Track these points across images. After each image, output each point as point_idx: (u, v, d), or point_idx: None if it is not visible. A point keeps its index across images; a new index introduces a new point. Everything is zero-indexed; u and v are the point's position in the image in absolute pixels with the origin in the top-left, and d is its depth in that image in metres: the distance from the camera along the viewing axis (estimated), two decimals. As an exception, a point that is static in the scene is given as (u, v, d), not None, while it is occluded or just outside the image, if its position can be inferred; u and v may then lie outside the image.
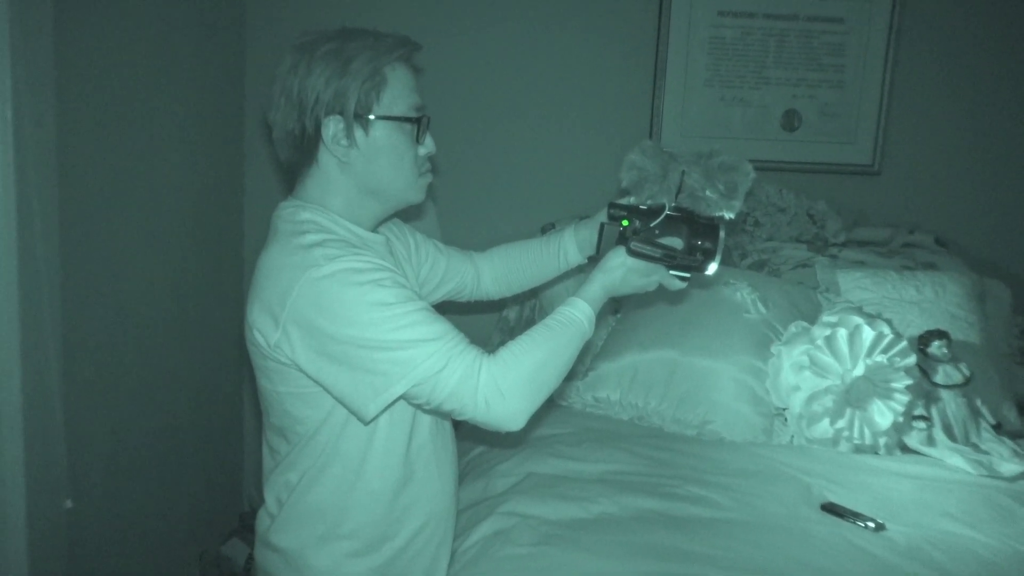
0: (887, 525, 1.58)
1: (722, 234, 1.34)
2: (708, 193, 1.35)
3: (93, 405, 1.77)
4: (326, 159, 1.26)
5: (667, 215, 1.34)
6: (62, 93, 1.53)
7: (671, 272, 1.35)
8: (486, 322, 2.61)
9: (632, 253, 1.31)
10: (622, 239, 1.34)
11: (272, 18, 2.59)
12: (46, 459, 1.53)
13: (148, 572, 2.07)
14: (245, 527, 2.52)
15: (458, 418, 1.22)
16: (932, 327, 2.18)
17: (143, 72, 1.92)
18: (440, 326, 1.19)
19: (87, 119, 1.70)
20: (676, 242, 1.33)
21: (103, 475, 1.82)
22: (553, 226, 2.53)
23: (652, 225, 1.33)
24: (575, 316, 1.27)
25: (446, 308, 1.58)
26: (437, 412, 1.28)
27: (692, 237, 1.34)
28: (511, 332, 2.52)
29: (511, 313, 2.57)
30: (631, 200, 1.40)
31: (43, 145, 1.47)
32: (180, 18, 2.11)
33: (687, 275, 1.36)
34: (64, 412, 1.58)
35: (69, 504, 1.60)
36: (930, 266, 2.49)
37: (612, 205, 1.40)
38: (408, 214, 1.46)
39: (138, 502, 1.99)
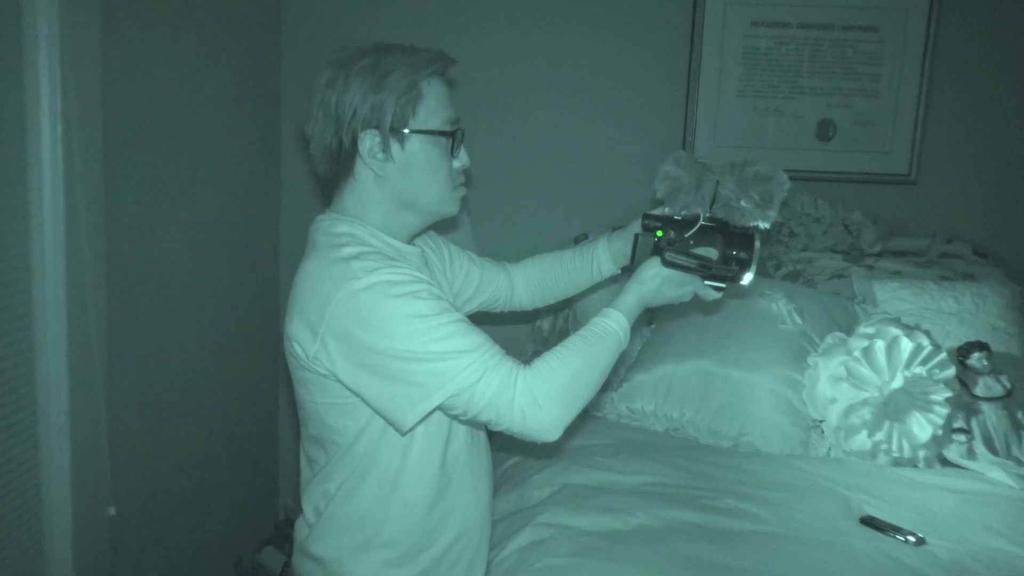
0: (928, 540, 1.56)
1: (757, 244, 1.34)
2: (743, 203, 1.35)
3: (135, 416, 1.80)
4: (363, 172, 1.28)
5: (702, 225, 1.34)
6: (107, 108, 1.57)
7: (706, 282, 1.35)
8: (520, 333, 2.61)
9: (667, 263, 1.31)
10: (657, 249, 1.34)
11: (307, 32, 2.63)
12: (91, 469, 1.57)
13: (187, 579, 2.10)
14: (281, 535, 2.54)
15: (494, 428, 1.23)
16: (972, 338, 2.15)
17: (182, 86, 1.96)
18: (476, 337, 1.20)
19: (130, 135, 1.73)
20: (711, 252, 1.33)
21: (144, 484, 1.86)
22: (586, 236, 2.53)
23: (687, 235, 1.33)
24: (610, 327, 1.28)
25: (480, 319, 1.58)
26: (473, 422, 1.29)
27: (727, 247, 1.34)
28: (545, 343, 2.52)
29: (545, 324, 2.57)
30: (665, 210, 1.40)
31: (90, 158, 1.51)
32: (218, 33, 2.15)
33: (722, 285, 1.35)
34: (108, 423, 1.62)
35: (112, 512, 1.64)
36: (969, 276, 2.45)
37: (646, 216, 1.40)
38: (442, 226, 1.48)
39: (177, 510, 2.02)
